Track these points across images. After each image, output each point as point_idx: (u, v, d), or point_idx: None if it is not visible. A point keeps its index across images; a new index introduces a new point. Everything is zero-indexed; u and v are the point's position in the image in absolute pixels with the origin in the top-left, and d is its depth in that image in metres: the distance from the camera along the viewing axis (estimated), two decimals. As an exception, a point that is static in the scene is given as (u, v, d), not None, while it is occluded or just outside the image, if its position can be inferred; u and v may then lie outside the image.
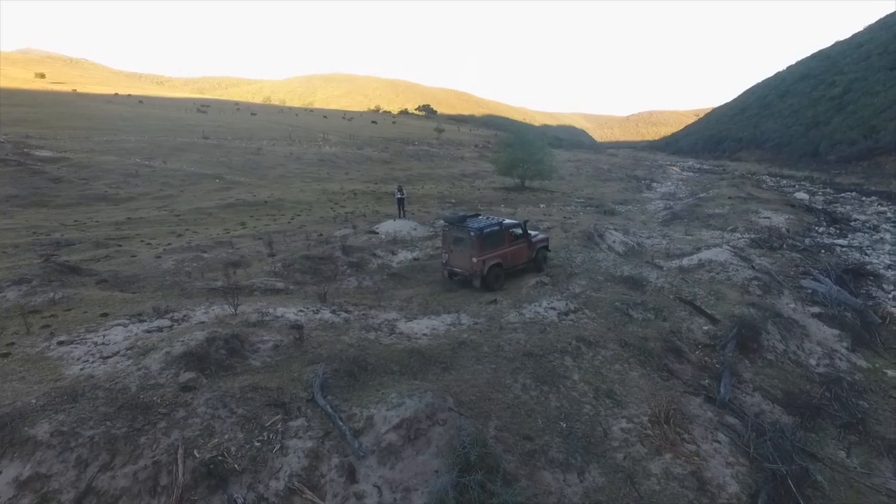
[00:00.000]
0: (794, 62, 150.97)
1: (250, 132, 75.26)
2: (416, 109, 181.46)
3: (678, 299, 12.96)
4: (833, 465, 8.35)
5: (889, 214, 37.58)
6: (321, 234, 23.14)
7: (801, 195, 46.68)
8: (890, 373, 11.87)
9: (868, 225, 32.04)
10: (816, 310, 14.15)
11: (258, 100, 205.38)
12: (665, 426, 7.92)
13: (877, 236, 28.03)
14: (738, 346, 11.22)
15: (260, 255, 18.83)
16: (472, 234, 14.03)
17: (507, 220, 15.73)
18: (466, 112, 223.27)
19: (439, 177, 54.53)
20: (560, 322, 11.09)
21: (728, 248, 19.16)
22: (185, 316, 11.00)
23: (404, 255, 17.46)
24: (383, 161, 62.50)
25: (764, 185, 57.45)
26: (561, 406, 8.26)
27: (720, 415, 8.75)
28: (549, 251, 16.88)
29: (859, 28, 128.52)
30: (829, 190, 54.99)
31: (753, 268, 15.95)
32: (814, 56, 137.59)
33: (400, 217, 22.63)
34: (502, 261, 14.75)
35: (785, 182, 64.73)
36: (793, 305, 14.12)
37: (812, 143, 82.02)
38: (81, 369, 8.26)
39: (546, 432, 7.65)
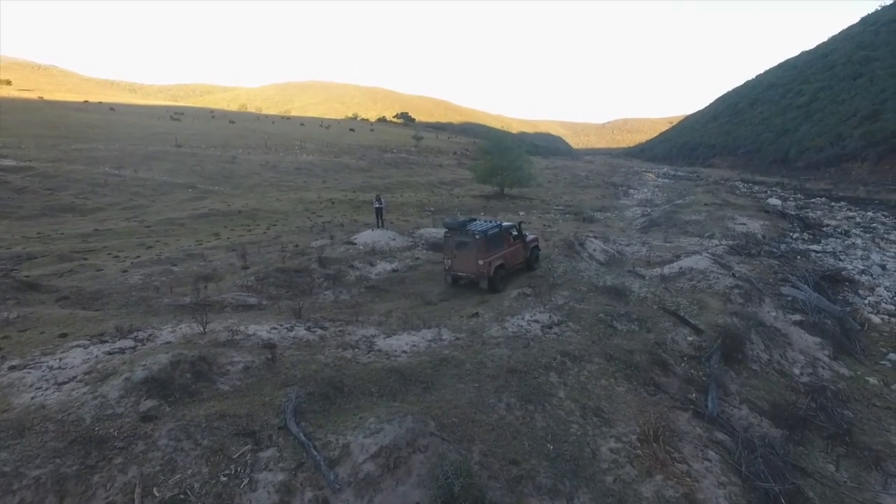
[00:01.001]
0: (762, 71, 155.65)
1: (225, 140, 73.89)
2: (393, 117, 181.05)
3: (662, 309, 12.80)
4: (823, 480, 8.19)
5: (858, 219, 38.57)
6: (297, 245, 22.54)
7: (774, 201, 47.68)
8: (871, 380, 11.89)
9: (839, 230, 32.74)
10: (797, 317, 14.16)
11: (234, 107, 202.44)
12: (655, 445, 7.66)
13: (848, 241, 28.60)
14: (722, 357, 11.08)
15: (233, 267, 18.17)
16: (477, 236, 14.42)
17: (505, 223, 16.29)
18: (444, 119, 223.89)
19: (418, 185, 54.22)
20: (544, 336, 10.79)
21: (707, 255, 19.20)
22: (150, 335, 10.38)
23: (383, 267, 17.00)
24: (361, 169, 61.96)
25: (738, 192, 58.64)
26: (547, 426, 7.92)
27: (709, 431, 8.53)
28: (539, 250, 17.60)
29: (824, 39, 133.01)
30: (799, 195, 56.39)
31: (734, 275, 15.95)
32: (781, 65, 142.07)
33: (378, 227, 22.16)
34: (504, 261, 15.19)
35: (757, 188, 66.24)
36: (774, 313, 14.11)
37: (782, 149, 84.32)
38: (32, 398, 7.62)
39: (533, 455, 7.30)
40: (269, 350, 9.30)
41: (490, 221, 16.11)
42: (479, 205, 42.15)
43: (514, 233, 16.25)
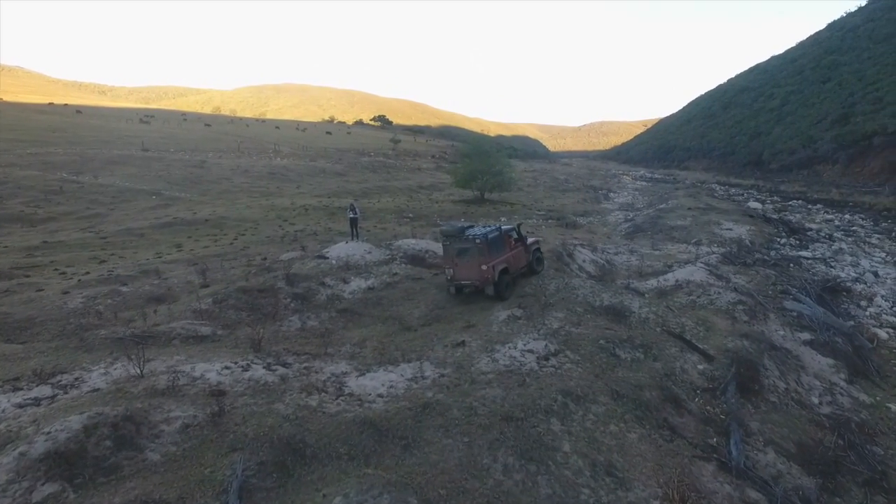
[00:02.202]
0: (734, 75, 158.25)
1: (195, 144, 71.15)
2: (371, 120, 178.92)
3: (666, 332, 11.61)
4: (872, 544, 7.03)
5: (837, 223, 38.43)
6: (265, 258, 20.85)
7: (755, 204, 47.57)
8: (893, 407, 10.88)
9: (822, 234, 32.35)
10: (806, 336, 13.14)
11: (207, 110, 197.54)
12: (682, 513, 6.38)
13: (835, 246, 28.12)
14: (738, 389, 9.92)
15: (191, 286, 16.43)
16: (478, 241, 13.93)
17: (505, 226, 15.85)
18: (422, 122, 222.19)
19: (396, 189, 52.66)
20: (540, 370, 9.45)
21: (702, 265, 18.23)
22: (76, 380, 8.73)
23: (357, 284, 15.47)
24: (337, 173, 60.12)
25: (716, 195, 58.57)
26: (553, 493, 6.57)
27: (740, 488, 7.30)
28: (541, 253, 17.11)
29: (792, 44, 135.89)
30: (775, 198, 56.52)
31: (736, 290, 14.92)
32: (752, 69, 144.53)
33: (353, 238, 20.60)
34: (508, 265, 14.70)
35: (734, 190, 66.41)
36: (782, 332, 13.08)
37: (755, 152, 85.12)
38: None
39: (539, 537, 5.94)
40: (216, 399, 7.75)
41: (489, 226, 15.78)
42: (459, 210, 40.85)
43: (515, 236, 15.84)
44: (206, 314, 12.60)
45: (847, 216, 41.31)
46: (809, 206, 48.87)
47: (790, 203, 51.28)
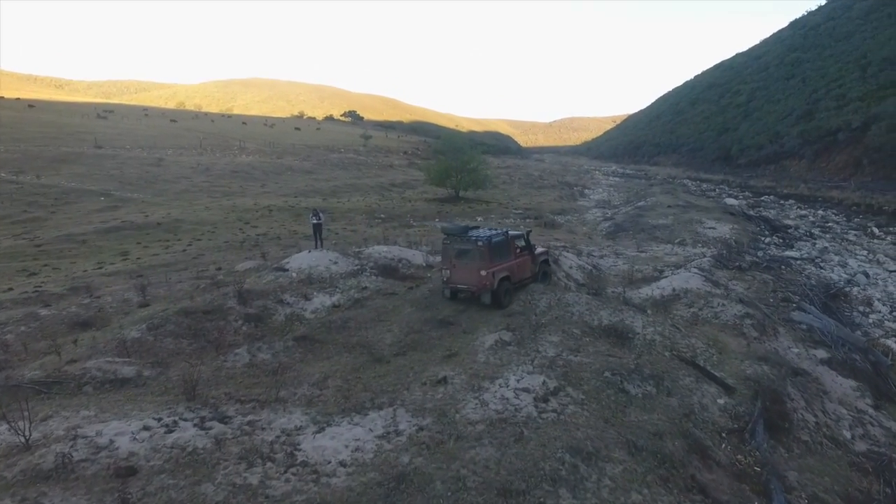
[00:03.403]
0: (700, 72, 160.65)
1: (154, 140, 67.30)
2: (341, 115, 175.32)
3: (677, 358, 10.16)
4: None
5: (811, 218, 38.32)
6: (219, 269, 18.71)
7: (731, 200, 47.29)
8: (928, 438, 9.68)
9: (802, 231, 31.88)
10: (822, 353, 11.91)
11: (171, 105, 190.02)
12: None
13: (819, 245, 27.53)
14: (766, 427, 8.51)
15: (127, 305, 14.24)
16: (480, 243, 13.08)
17: (512, 231, 15.12)
18: (394, 118, 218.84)
19: (367, 187, 50.52)
20: (540, 416, 7.81)
21: (696, 271, 16.99)
22: (-59, 451, 6.65)
23: (321, 301, 13.56)
24: (305, 171, 57.51)
25: (690, 191, 58.37)
26: None
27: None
28: (549, 266, 16.09)
29: (756, 41, 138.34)
30: (747, 193, 56.73)
31: (741, 301, 13.64)
32: (718, 66, 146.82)
33: (317, 247, 18.62)
34: (510, 273, 13.68)
35: (706, 186, 66.59)
36: (796, 350, 11.83)
37: (724, 147, 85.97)
38: None
39: None
40: (122, 482, 5.83)
41: (495, 228, 15.01)
42: (433, 209, 39.11)
43: (522, 243, 14.85)
44: (135, 345, 10.50)
45: (820, 212, 41.32)
46: (781, 202, 49.01)
47: (762, 198, 51.40)
